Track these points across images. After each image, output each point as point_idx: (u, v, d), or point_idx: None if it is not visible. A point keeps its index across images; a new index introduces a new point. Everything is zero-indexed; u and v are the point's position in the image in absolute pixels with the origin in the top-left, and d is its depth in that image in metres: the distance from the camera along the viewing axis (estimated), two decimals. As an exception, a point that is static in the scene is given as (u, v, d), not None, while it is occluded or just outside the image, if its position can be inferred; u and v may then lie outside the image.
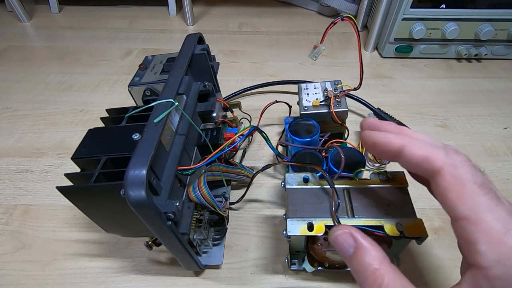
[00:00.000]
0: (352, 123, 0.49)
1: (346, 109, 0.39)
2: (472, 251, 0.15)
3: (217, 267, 0.33)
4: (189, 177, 0.30)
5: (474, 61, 0.63)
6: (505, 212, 0.15)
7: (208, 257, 0.33)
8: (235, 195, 0.39)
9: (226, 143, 0.30)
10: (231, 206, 0.38)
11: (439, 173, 0.17)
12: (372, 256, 0.18)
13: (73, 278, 0.33)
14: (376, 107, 0.48)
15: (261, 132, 0.32)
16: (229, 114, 0.44)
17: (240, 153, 0.45)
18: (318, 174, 0.28)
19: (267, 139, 0.32)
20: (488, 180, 0.17)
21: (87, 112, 0.52)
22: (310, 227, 0.25)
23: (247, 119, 0.46)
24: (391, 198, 0.26)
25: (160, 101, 0.25)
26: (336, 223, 0.24)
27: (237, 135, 0.31)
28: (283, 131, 0.47)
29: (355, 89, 0.39)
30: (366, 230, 0.24)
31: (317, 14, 0.81)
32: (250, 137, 0.45)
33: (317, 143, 0.39)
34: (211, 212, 0.31)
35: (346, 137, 0.43)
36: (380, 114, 0.46)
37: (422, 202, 0.34)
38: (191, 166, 0.28)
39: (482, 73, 0.60)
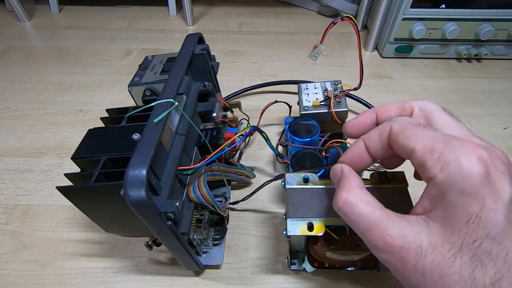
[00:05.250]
0: (352, 123, 0.49)
1: (346, 109, 0.39)
2: (424, 171, 0.18)
3: (217, 267, 0.33)
4: (189, 177, 0.30)
5: (474, 61, 0.63)
6: (441, 134, 0.19)
7: (208, 257, 0.33)
8: (235, 195, 0.39)
9: (226, 143, 0.30)
10: (231, 206, 0.38)
11: (390, 130, 0.21)
12: (347, 181, 0.21)
13: (73, 278, 0.33)
14: (376, 107, 0.47)
15: (261, 132, 0.32)
16: (229, 114, 0.44)
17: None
18: (318, 174, 0.28)
19: (267, 139, 0.32)
20: (429, 119, 0.21)
21: (87, 112, 0.52)
22: (310, 227, 0.25)
23: (245, 119, 0.46)
24: (391, 198, 0.25)
25: (160, 101, 0.25)
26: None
27: (237, 135, 0.31)
28: (283, 131, 0.47)
29: (355, 89, 0.39)
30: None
31: (317, 14, 0.81)
32: (248, 138, 0.45)
33: (317, 143, 0.39)
34: (211, 212, 0.31)
35: (346, 137, 0.43)
36: (380, 114, 0.46)
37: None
38: (191, 166, 0.28)
39: (482, 73, 0.60)
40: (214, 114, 0.36)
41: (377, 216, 0.19)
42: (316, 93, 0.41)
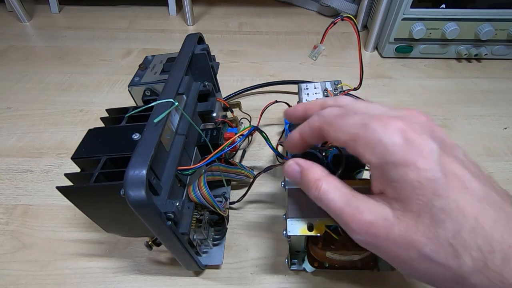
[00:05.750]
0: (352, 123, 0.49)
1: (346, 109, 0.39)
2: (361, 157, 0.19)
3: (217, 267, 0.33)
4: (189, 177, 0.30)
5: (474, 61, 0.63)
6: (360, 118, 0.20)
7: (208, 257, 0.33)
8: (235, 195, 0.39)
9: (226, 143, 0.30)
10: (231, 206, 0.38)
11: (321, 130, 0.22)
12: (313, 172, 0.22)
13: (73, 278, 0.33)
14: (376, 107, 0.48)
15: (261, 132, 0.31)
16: (229, 114, 0.44)
17: (240, 153, 0.45)
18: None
19: (267, 139, 0.32)
20: (355, 107, 0.22)
21: (87, 112, 0.52)
22: (310, 227, 0.25)
23: (247, 119, 0.46)
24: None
25: (160, 101, 0.25)
26: None
27: (237, 135, 0.31)
28: (283, 131, 0.47)
29: (355, 89, 0.39)
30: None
31: (317, 14, 0.81)
32: (250, 137, 0.45)
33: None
34: (211, 212, 0.31)
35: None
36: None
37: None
38: (191, 166, 0.28)
39: (482, 73, 0.60)
40: (214, 114, 0.36)
41: (346, 197, 0.20)
42: (316, 93, 0.41)
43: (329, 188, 0.21)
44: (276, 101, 0.42)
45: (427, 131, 0.19)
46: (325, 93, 0.41)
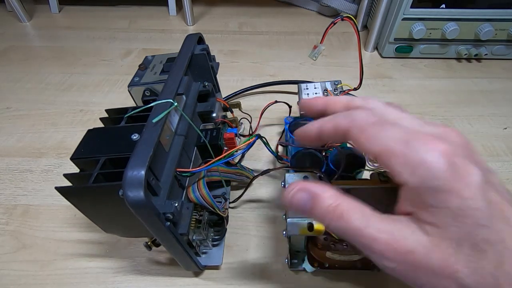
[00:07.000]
0: (352, 123, 0.49)
1: (346, 109, 0.39)
2: (394, 175, 0.18)
3: (216, 267, 0.33)
4: (188, 179, 0.30)
5: (474, 61, 0.63)
6: (399, 132, 0.18)
7: (208, 257, 0.33)
8: (235, 195, 0.39)
9: (230, 151, 0.29)
10: (230, 206, 0.38)
11: (348, 133, 0.20)
12: (328, 198, 0.19)
13: (73, 278, 0.33)
14: (376, 107, 0.47)
15: (261, 138, 0.32)
16: (229, 114, 0.44)
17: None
18: (317, 174, 0.28)
19: (266, 144, 0.32)
20: (386, 114, 0.20)
21: (87, 112, 0.52)
22: (310, 227, 0.25)
23: (247, 119, 0.46)
24: (391, 198, 0.25)
25: (159, 102, 0.25)
26: None
27: (243, 145, 0.31)
28: (283, 131, 0.47)
29: (355, 89, 0.39)
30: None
31: (317, 14, 0.81)
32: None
33: (317, 143, 0.38)
34: (211, 213, 0.31)
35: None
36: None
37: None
38: (190, 169, 0.28)
39: (482, 73, 0.60)
40: (214, 115, 0.36)
41: (374, 222, 0.18)
42: (316, 93, 0.41)
43: (353, 215, 0.18)
44: (276, 101, 0.42)
45: (468, 155, 0.18)
46: (325, 93, 0.41)
